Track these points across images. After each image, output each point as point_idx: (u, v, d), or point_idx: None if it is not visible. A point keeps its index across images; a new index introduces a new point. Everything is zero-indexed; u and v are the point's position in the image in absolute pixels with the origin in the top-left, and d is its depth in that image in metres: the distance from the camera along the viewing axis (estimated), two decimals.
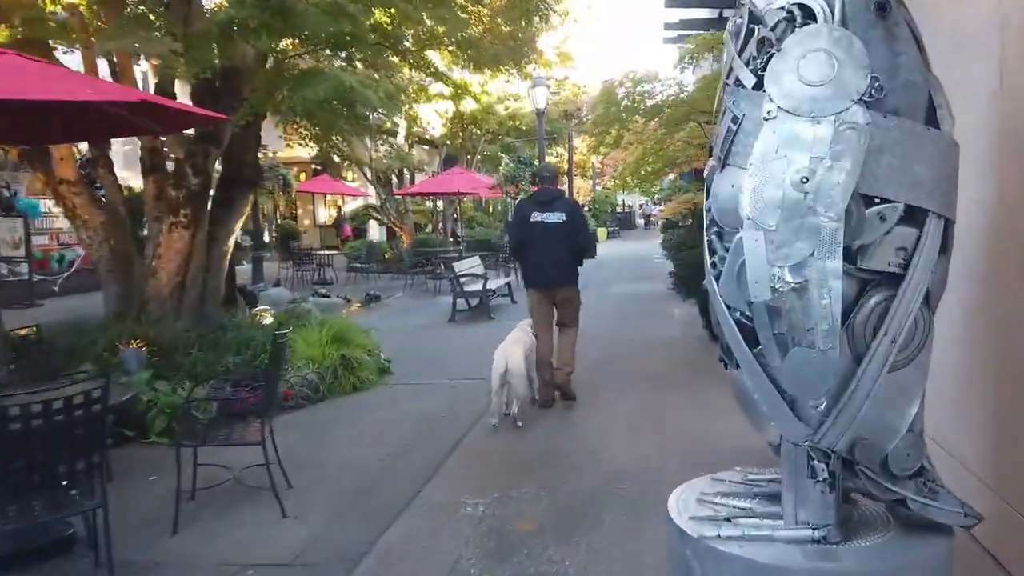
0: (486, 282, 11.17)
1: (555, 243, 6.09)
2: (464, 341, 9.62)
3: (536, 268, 6.26)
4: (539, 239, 6.09)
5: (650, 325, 10.14)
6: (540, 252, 6.13)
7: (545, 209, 6.13)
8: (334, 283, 17.65)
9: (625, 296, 13.35)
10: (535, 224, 6.11)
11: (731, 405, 2.65)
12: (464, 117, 20.94)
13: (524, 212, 6.27)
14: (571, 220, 6.19)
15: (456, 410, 6.41)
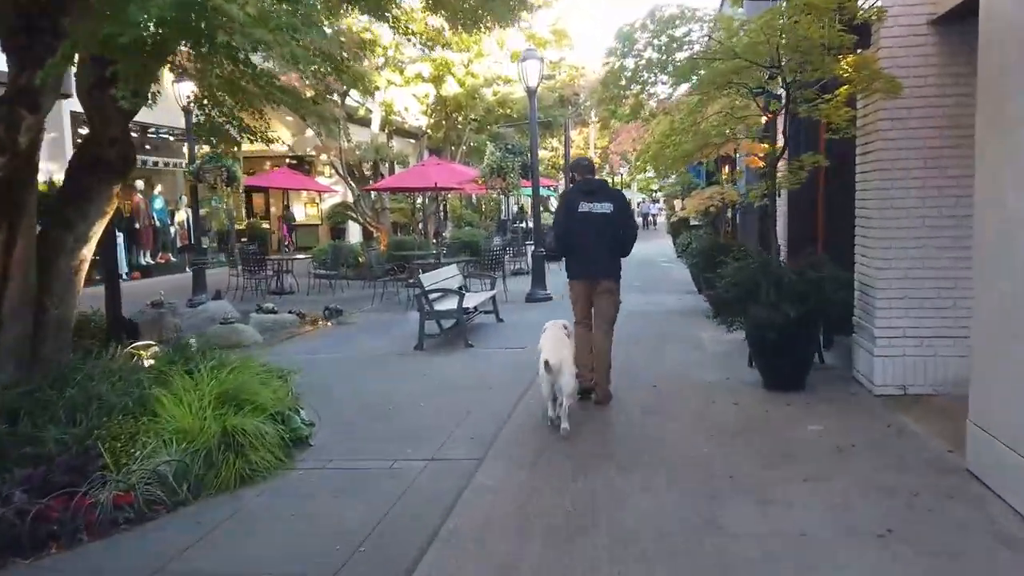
0: (463, 299, 8.77)
1: (602, 234, 5.93)
2: (429, 381, 7.22)
3: (582, 259, 6.04)
4: (586, 230, 5.92)
5: (673, 359, 7.75)
6: (586, 243, 5.94)
7: (592, 199, 5.97)
8: (294, 293, 15.26)
9: (634, 313, 10.92)
10: (583, 214, 5.93)
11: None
12: (447, 103, 18.54)
13: (572, 201, 6.06)
14: (619, 211, 6.05)
15: (393, 529, 3.98)
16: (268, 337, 10.43)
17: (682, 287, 13.38)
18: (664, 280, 15.12)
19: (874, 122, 5.79)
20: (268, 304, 11.67)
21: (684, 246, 12.51)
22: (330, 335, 10.42)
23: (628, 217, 6.23)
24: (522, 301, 12.65)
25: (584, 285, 6.06)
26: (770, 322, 5.71)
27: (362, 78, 16.54)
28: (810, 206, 8.70)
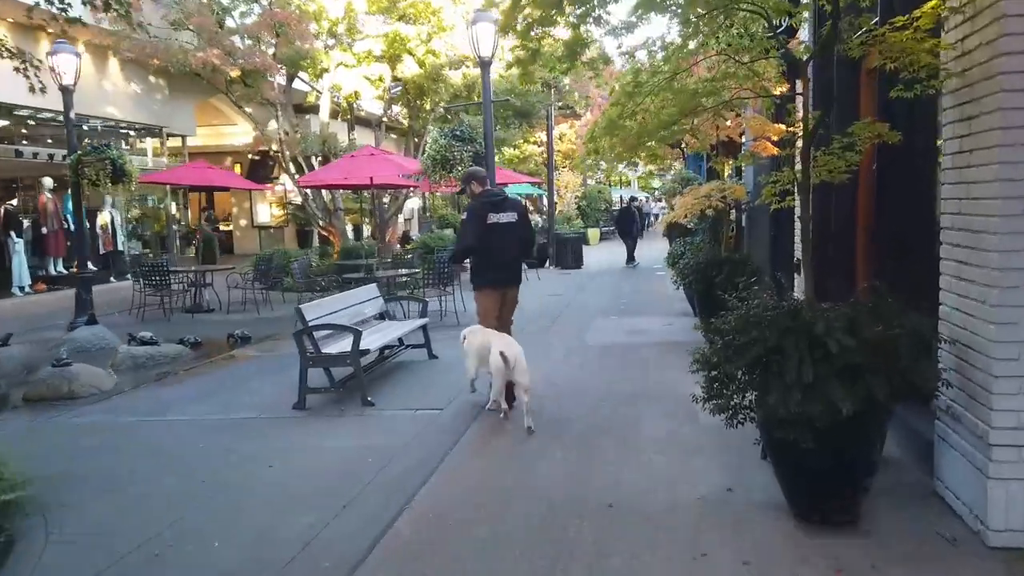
0: (358, 340, 6.23)
1: (511, 243, 6.18)
2: (271, 480, 4.71)
3: (496, 268, 6.18)
4: (497, 240, 6.07)
5: (649, 441, 5.21)
6: (499, 252, 6.12)
7: (499, 210, 6.14)
8: (213, 310, 12.78)
9: (609, 349, 8.41)
10: (492, 226, 6.07)
11: None
12: (407, 87, 16.01)
13: (481, 214, 6.11)
14: (522, 219, 6.33)
15: None
16: (126, 380, 7.96)
17: (675, 306, 10.83)
18: (655, 296, 12.57)
19: (991, 60, 3.25)
20: (145, 333, 9.16)
21: (676, 257, 9.96)
22: (210, 377, 7.91)
23: (529, 225, 6.63)
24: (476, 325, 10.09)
25: (497, 293, 6.22)
26: (805, 420, 3.19)
27: (305, 57, 14.12)
28: (844, 207, 6.20)
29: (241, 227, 27.37)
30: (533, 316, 10.69)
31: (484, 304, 6.21)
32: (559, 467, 4.59)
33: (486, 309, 6.19)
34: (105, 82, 16.31)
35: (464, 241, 6.29)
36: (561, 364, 7.50)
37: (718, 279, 7.13)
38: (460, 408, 6.06)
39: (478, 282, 6.26)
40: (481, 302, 6.24)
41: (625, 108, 3.86)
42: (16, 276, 14.57)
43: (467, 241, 6.21)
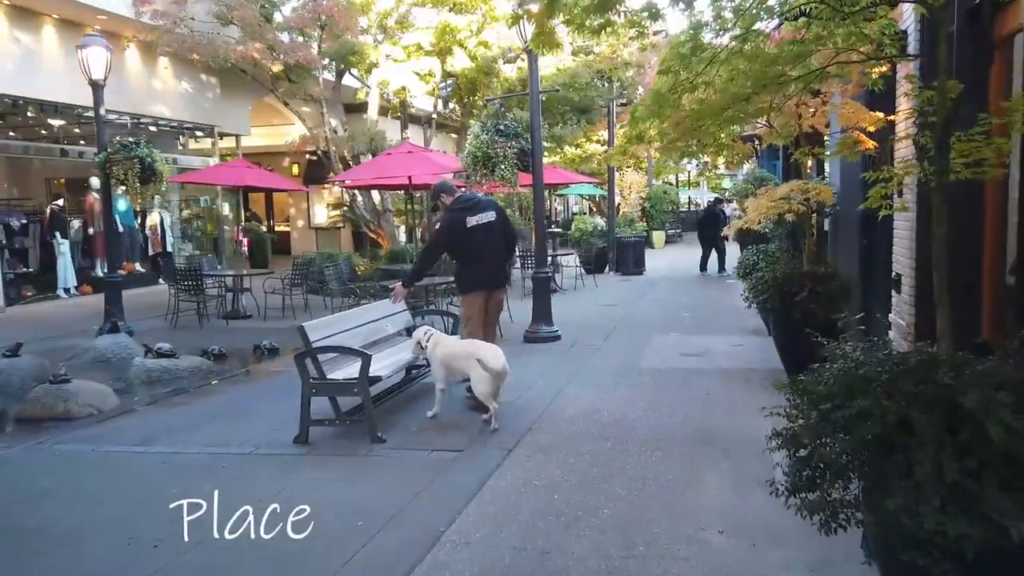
0: (367, 365, 5.32)
1: (495, 243, 6.12)
2: (259, 550, 3.83)
3: (484, 270, 6.11)
4: (481, 241, 6.01)
5: (711, 514, 4.12)
6: (484, 254, 6.08)
7: (476, 212, 6.04)
8: (251, 316, 12.17)
9: (667, 375, 7.32)
10: (472, 229, 5.99)
11: None
12: (459, 82, 15.15)
13: (458, 220, 6.02)
14: (500, 217, 6.21)
15: None
16: (134, 397, 7.32)
17: (747, 321, 9.59)
18: (723, 309, 11.31)
19: None
20: (163, 345, 8.50)
21: (748, 267, 8.75)
22: (220, 398, 7.18)
23: (510, 223, 6.45)
24: (520, 342, 9.12)
25: (484, 295, 6.11)
26: (947, 543, 2.08)
27: (353, 52, 13.42)
28: (970, 210, 4.94)
29: (298, 228, 27.12)
30: (583, 330, 9.64)
31: (470, 309, 6.11)
32: (590, 545, 3.56)
33: (472, 314, 6.10)
34: (154, 80, 16.01)
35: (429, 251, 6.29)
36: (608, 393, 6.45)
37: (799, 298, 5.95)
38: (483, 448, 5.10)
39: (464, 287, 6.18)
40: (467, 307, 6.14)
41: (679, 79, 2.81)
42: (61, 278, 14.34)
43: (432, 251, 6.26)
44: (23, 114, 14.47)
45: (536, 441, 5.17)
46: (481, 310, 6.10)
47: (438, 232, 6.19)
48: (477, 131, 8.83)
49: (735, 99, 2.77)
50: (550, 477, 4.46)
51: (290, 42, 13.32)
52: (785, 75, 2.80)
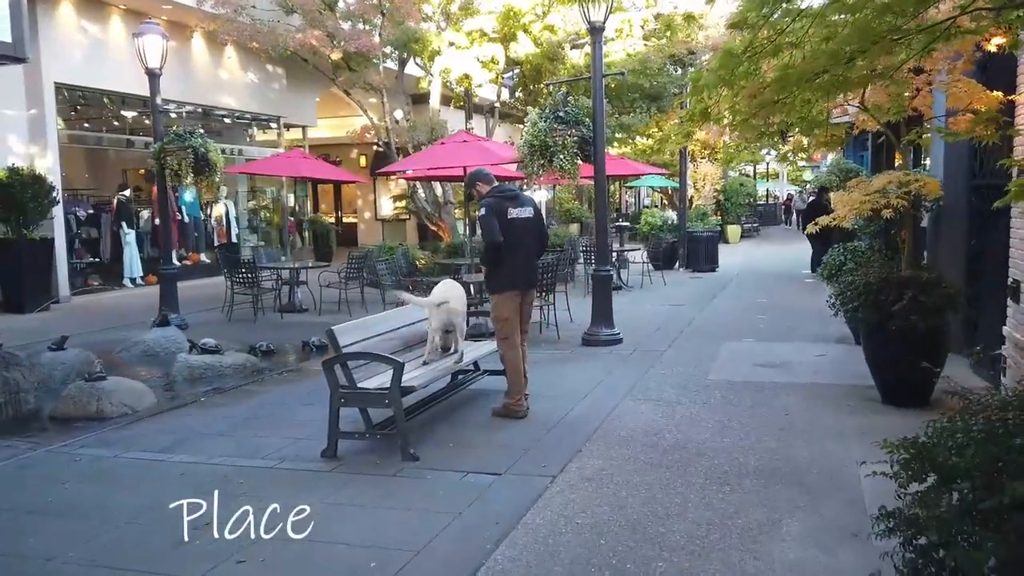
0: (399, 373, 4.81)
1: (531, 240, 5.80)
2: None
3: (518, 268, 5.71)
4: (519, 237, 5.63)
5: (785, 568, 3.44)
6: (520, 251, 5.68)
7: (516, 205, 5.69)
8: (307, 310, 11.93)
9: (744, 392, 6.60)
10: (512, 221, 5.62)
11: None
12: (523, 69, 14.55)
13: (502, 209, 5.61)
14: (538, 215, 5.92)
15: None
16: (175, 395, 7.08)
17: (829, 327, 8.68)
18: (803, 311, 10.39)
19: None
20: (209, 340, 8.25)
21: (834, 268, 7.86)
22: (258, 399, 6.82)
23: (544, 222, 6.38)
24: (577, 344, 8.50)
25: (518, 295, 5.75)
26: None
27: (415, 39, 13.00)
28: None
29: (365, 219, 27.09)
30: (646, 333, 8.94)
31: (505, 310, 5.68)
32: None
33: (508, 315, 5.68)
34: (220, 70, 16.01)
35: (493, 237, 5.54)
36: (670, 409, 5.76)
37: (896, 308, 5.12)
38: (523, 474, 4.52)
39: (497, 286, 5.74)
40: (501, 308, 5.70)
41: (756, 38, 2.13)
42: (128, 268, 14.47)
43: (496, 236, 5.53)
44: (97, 105, 14.65)
45: (585, 467, 4.56)
46: (516, 311, 5.70)
47: (484, 218, 5.57)
48: (535, 118, 8.23)
49: (834, 60, 2.09)
50: (597, 515, 3.85)
51: (350, 29, 12.98)
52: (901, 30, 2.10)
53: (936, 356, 5.49)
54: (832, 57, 2.08)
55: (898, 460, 2.01)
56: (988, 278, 6.17)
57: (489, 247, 5.60)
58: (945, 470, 1.80)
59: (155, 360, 8.58)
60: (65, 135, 13.81)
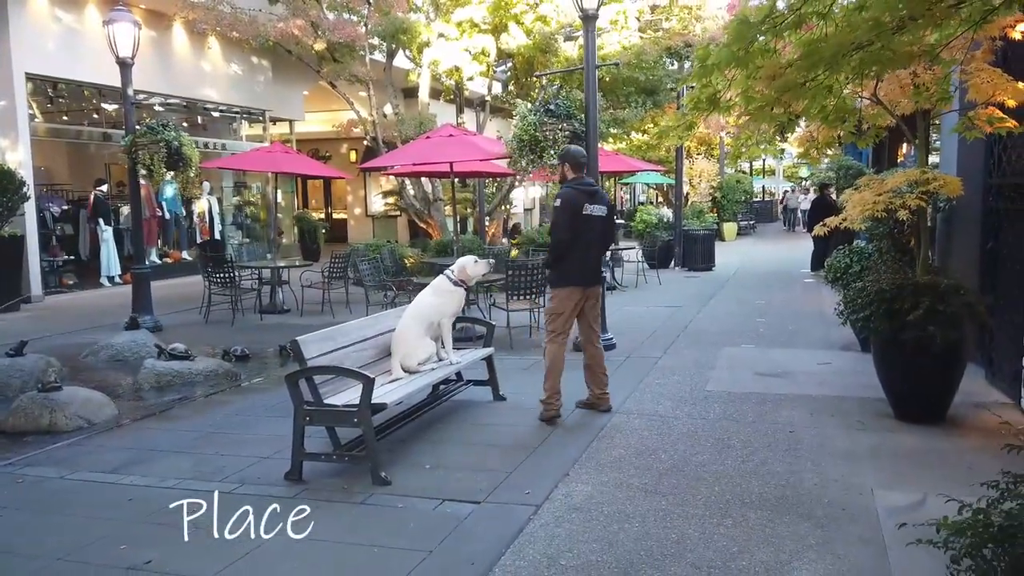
0: (369, 388, 4.37)
1: (598, 238, 5.63)
2: None
3: (582, 264, 5.53)
4: (587, 234, 5.49)
5: None
6: (587, 247, 5.54)
7: (592, 201, 5.52)
8: (289, 311, 11.49)
9: (745, 406, 6.20)
10: (587, 218, 5.47)
11: None
12: (514, 61, 14.09)
13: (578, 204, 5.45)
14: (610, 214, 5.78)
15: None
16: (138, 405, 6.65)
17: (833, 332, 8.29)
18: (805, 314, 9.98)
19: None
20: (178, 345, 7.80)
21: (839, 270, 7.45)
22: (224, 411, 6.38)
23: (614, 221, 6.16)
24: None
25: (579, 292, 5.55)
26: None
27: (402, 30, 12.54)
28: None
29: (355, 216, 26.60)
30: (641, 338, 8.52)
31: (562, 306, 5.54)
32: None
33: (564, 310, 5.54)
34: (204, 62, 15.51)
35: (560, 235, 5.47)
36: (666, 425, 5.34)
37: (912, 317, 4.70)
38: (504, 502, 4.09)
39: (560, 281, 5.57)
40: (559, 302, 5.55)
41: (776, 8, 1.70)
42: (105, 266, 13.98)
43: (564, 235, 5.44)
44: (76, 97, 14.14)
45: (572, 494, 4.13)
46: (575, 308, 5.54)
47: (560, 211, 5.45)
48: (524, 112, 7.79)
49: (878, 30, 1.66)
50: (584, 555, 3.42)
51: (334, 19, 12.51)
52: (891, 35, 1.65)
53: (953, 369, 5.08)
54: (875, 27, 1.66)
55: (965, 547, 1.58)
56: (1007, 284, 5.76)
57: (557, 243, 5.49)
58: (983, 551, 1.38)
59: (123, 366, 8.14)
60: (42, 128, 13.33)
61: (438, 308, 5.51)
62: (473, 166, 9.61)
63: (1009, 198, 5.79)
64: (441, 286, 5.63)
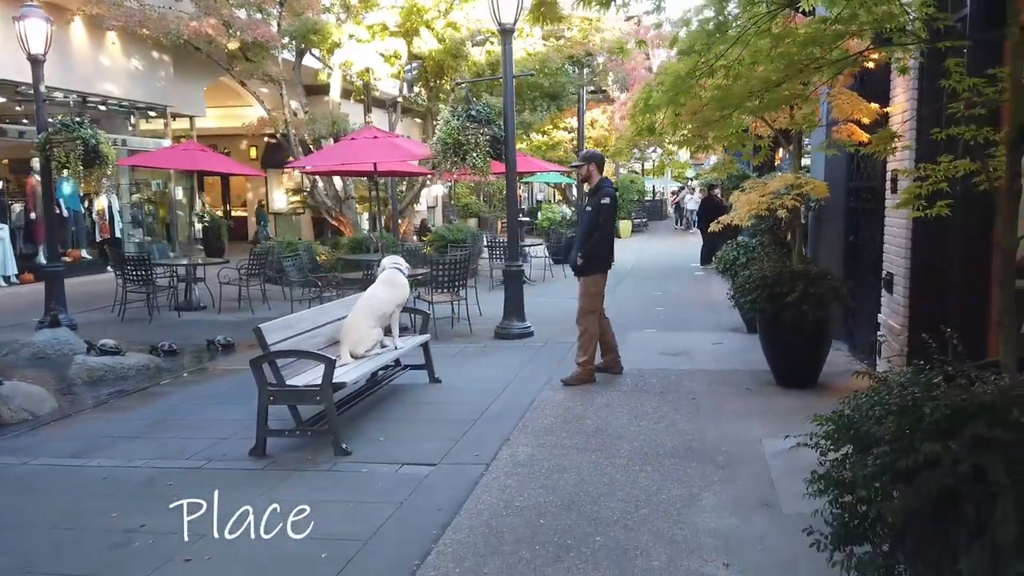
0: (330, 370, 4.87)
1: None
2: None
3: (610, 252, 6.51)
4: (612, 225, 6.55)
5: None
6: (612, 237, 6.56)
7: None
8: (205, 308, 11.56)
9: (651, 380, 7.05)
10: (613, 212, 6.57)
11: None
12: (425, 65, 14.59)
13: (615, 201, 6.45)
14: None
15: None
16: (75, 400, 6.77)
17: (723, 317, 9.38)
18: (697, 304, 11.07)
19: None
20: (108, 341, 7.92)
21: (727, 262, 8.46)
22: (168, 400, 6.63)
23: None
24: (490, 338, 8.75)
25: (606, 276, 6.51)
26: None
27: (313, 30, 12.80)
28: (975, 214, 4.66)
29: (257, 214, 26.22)
30: (556, 326, 9.27)
31: (597, 289, 6.43)
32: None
33: (599, 291, 6.45)
34: (103, 56, 15.14)
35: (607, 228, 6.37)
36: (588, 397, 6.08)
37: (790, 298, 5.64)
38: (457, 463, 4.69)
39: (595, 268, 6.37)
40: (595, 285, 6.42)
41: (700, 61, 2.41)
42: (0, 265, 13.48)
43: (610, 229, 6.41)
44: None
45: (515, 455, 4.78)
46: (604, 288, 6.51)
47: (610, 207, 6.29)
48: (448, 116, 8.37)
49: (765, 84, 2.40)
50: (534, 497, 4.08)
51: (248, 19, 12.62)
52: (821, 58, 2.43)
53: (822, 343, 6.08)
54: (764, 82, 2.39)
55: (824, 432, 2.33)
56: (864, 271, 6.85)
57: (605, 235, 6.35)
58: (867, 438, 2.12)
59: (47, 363, 8.14)
60: None
61: (392, 299, 6.03)
62: (394, 166, 10.08)
63: (864, 199, 6.88)
64: (395, 280, 6.14)
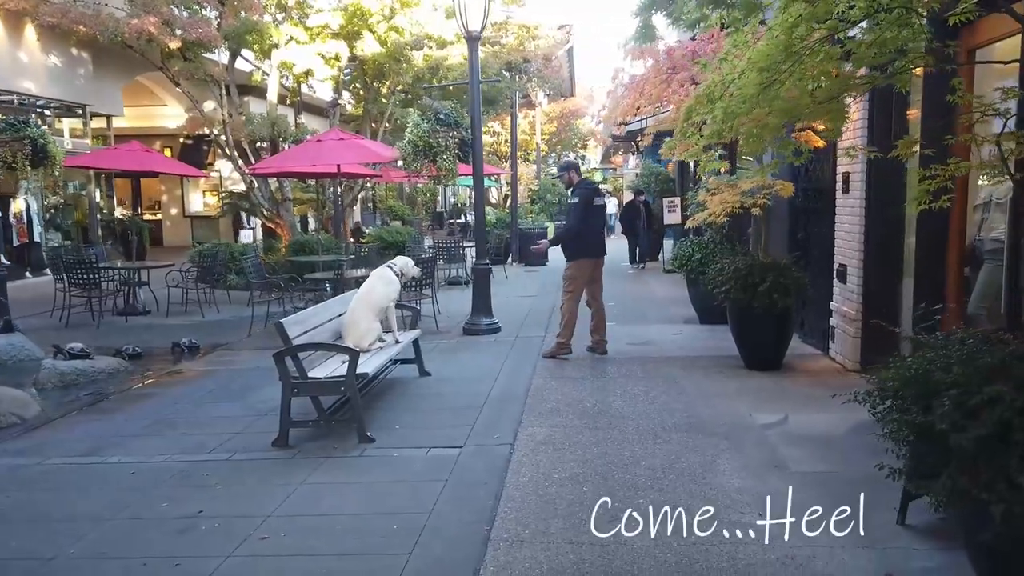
0: (354, 364, 5.07)
1: (602, 223, 7.97)
2: (307, 557, 3.59)
3: (595, 242, 7.55)
4: (595, 220, 7.60)
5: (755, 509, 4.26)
6: (596, 229, 7.63)
7: (598, 195, 7.74)
8: (150, 312, 11.28)
9: (630, 364, 7.55)
10: (595, 208, 7.58)
11: None
12: (365, 68, 14.66)
13: (590, 198, 7.49)
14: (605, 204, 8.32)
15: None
16: (53, 404, 6.62)
17: (671, 310, 10.04)
18: (643, 301, 11.71)
19: None
20: (75, 344, 7.74)
21: (684, 258, 9.07)
22: (158, 401, 6.60)
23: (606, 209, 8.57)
24: (459, 334, 9.04)
25: (592, 263, 7.51)
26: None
27: (252, 31, 12.69)
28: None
29: (171, 216, 25.34)
30: (518, 321, 9.69)
31: (579, 272, 7.43)
32: (648, 537, 3.57)
33: (578, 275, 7.43)
34: (20, 52, 14.42)
35: (572, 224, 7.52)
36: (580, 384, 6.49)
37: (761, 288, 6.25)
38: (481, 444, 5.00)
39: (577, 254, 7.44)
40: (576, 270, 7.45)
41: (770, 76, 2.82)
42: None
43: (575, 224, 7.45)
44: None
45: (534, 435, 5.12)
46: (585, 276, 7.40)
47: (579, 205, 7.38)
48: (418, 120, 8.63)
49: (828, 95, 2.88)
50: (568, 470, 4.45)
51: (189, 18, 12.37)
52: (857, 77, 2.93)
53: (786, 329, 6.73)
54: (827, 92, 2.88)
55: (889, 381, 2.81)
56: (813, 264, 7.57)
57: (570, 229, 7.56)
58: (935, 385, 2.60)
59: (7, 370, 7.82)
60: None
61: (388, 295, 6.25)
62: (358, 168, 10.19)
63: (812, 199, 7.62)
64: (388, 277, 6.37)
